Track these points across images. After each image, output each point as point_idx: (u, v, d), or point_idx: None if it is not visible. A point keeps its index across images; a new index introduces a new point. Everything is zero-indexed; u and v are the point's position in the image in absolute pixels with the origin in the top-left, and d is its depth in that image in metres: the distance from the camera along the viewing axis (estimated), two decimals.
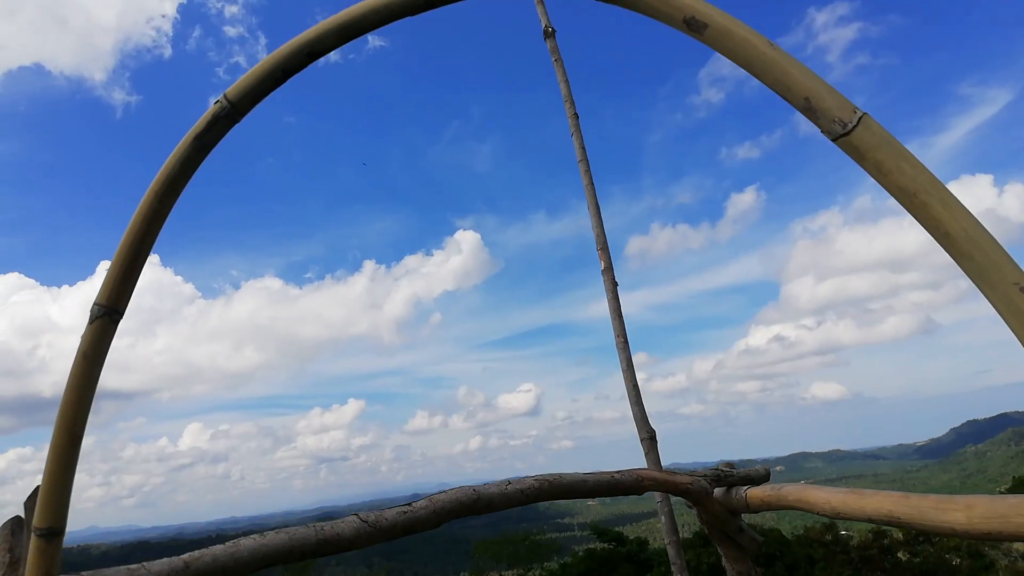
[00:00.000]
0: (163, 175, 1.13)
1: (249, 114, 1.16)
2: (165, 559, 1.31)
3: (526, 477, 1.78)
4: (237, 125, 1.15)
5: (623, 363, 2.63)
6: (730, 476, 2.13)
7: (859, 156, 0.88)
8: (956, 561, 20.09)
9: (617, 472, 1.93)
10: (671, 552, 2.37)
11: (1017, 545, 32.87)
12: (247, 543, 1.36)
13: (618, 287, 2.83)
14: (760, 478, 2.22)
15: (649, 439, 2.50)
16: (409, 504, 1.58)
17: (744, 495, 2.05)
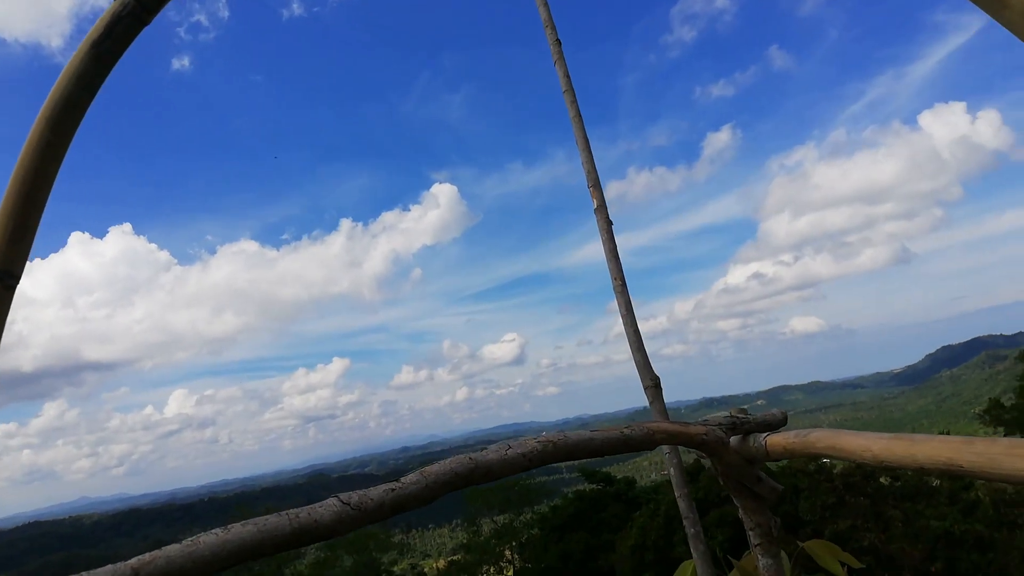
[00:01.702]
0: (55, 95, 0.87)
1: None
2: (109, 566, 1.10)
3: (528, 439, 1.58)
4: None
5: (622, 307, 2.42)
6: (746, 423, 1.95)
7: None
8: (936, 482, 20.58)
9: (626, 427, 1.74)
10: (683, 506, 2.21)
11: None
12: (208, 540, 1.15)
13: (613, 226, 2.61)
14: (777, 422, 2.05)
15: (653, 387, 2.31)
16: (398, 480, 1.37)
17: (764, 443, 1.86)
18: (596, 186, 2.69)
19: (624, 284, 2.46)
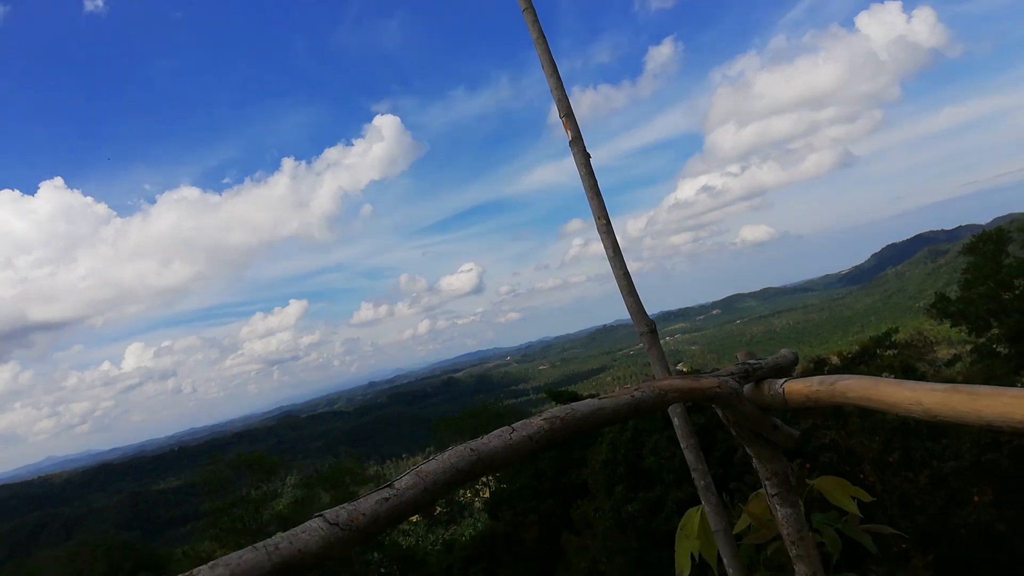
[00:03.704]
0: None
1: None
2: None
3: (532, 419, 1.39)
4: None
5: (608, 249, 2.22)
6: (759, 369, 1.80)
7: None
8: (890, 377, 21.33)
9: (636, 389, 1.56)
10: (690, 457, 2.07)
11: (940, 353, 35.42)
12: None
13: (590, 159, 2.37)
14: (789, 364, 1.90)
15: (649, 332, 2.13)
16: (390, 485, 1.17)
17: (781, 390, 1.71)
18: (569, 115, 2.43)
19: (609, 223, 2.24)
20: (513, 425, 1.35)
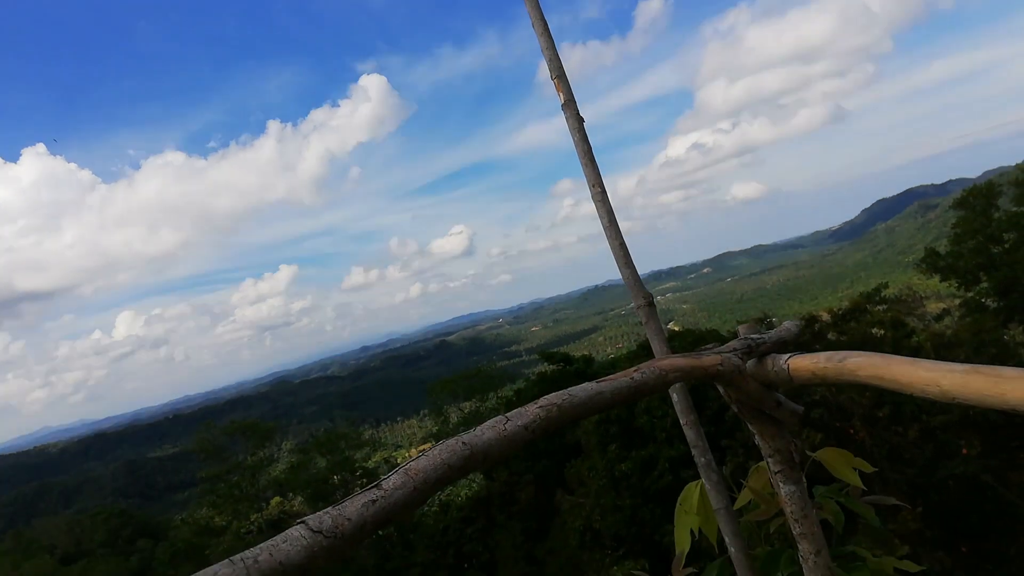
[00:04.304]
0: None
1: None
2: None
3: (528, 407, 1.31)
4: None
5: (603, 218, 2.12)
6: (762, 343, 1.72)
7: None
8: (880, 333, 21.43)
9: (635, 370, 1.49)
10: (690, 435, 2.01)
11: (929, 307, 35.61)
12: None
13: (584, 123, 2.26)
14: (792, 337, 1.83)
15: (647, 305, 2.05)
16: (377, 486, 1.09)
17: (786, 366, 1.63)
18: (561, 76, 2.31)
19: (604, 192, 2.14)
20: (507, 415, 1.27)
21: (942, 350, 20.45)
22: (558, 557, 23.55)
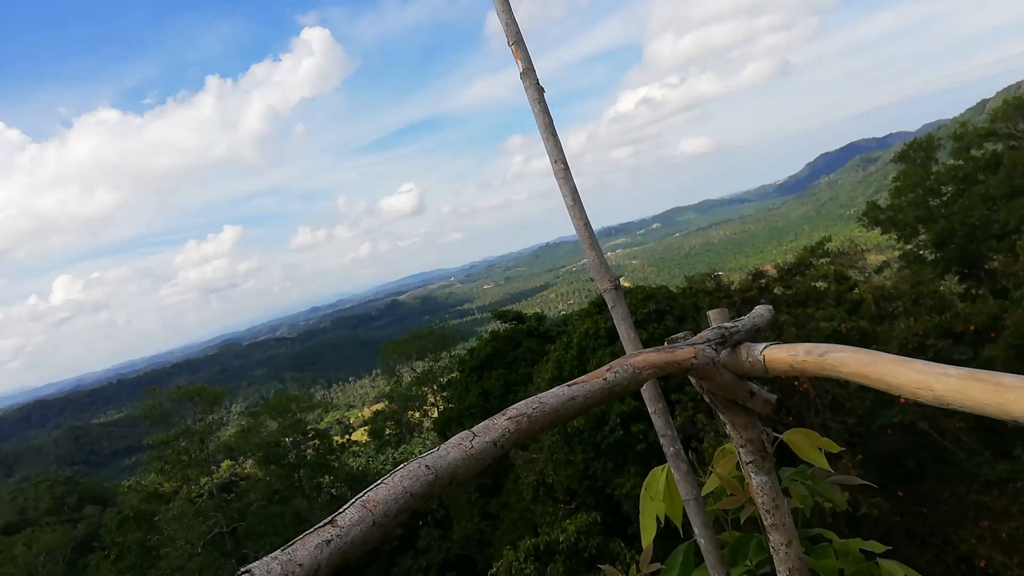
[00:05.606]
0: None
1: None
2: None
3: (496, 419, 1.20)
4: None
5: (567, 197, 2.00)
6: (736, 332, 1.64)
7: None
8: (824, 286, 21.94)
9: (607, 370, 1.39)
10: (659, 423, 1.94)
11: (870, 260, 36.69)
12: None
13: (544, 93, 2.13)
14: (765, 324, 1.76)
15: (613, 288, 1.96)
16: (331, 522, 0.97)
17: (761, 358, 1.56)
18: (519, 42, 2.16)
19: (567, 168, 2.01)
20: (473, 430, 1.16)
21: (882, 302, 21.10)
22: (512, 511, 23.91)
